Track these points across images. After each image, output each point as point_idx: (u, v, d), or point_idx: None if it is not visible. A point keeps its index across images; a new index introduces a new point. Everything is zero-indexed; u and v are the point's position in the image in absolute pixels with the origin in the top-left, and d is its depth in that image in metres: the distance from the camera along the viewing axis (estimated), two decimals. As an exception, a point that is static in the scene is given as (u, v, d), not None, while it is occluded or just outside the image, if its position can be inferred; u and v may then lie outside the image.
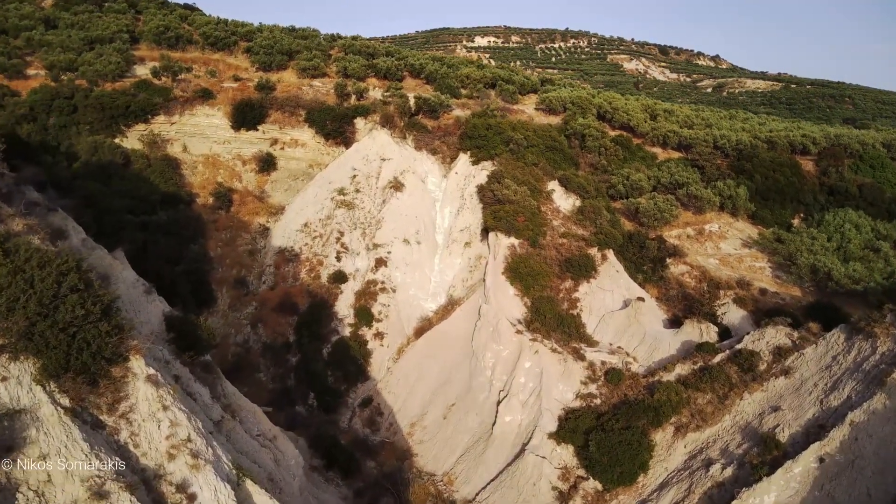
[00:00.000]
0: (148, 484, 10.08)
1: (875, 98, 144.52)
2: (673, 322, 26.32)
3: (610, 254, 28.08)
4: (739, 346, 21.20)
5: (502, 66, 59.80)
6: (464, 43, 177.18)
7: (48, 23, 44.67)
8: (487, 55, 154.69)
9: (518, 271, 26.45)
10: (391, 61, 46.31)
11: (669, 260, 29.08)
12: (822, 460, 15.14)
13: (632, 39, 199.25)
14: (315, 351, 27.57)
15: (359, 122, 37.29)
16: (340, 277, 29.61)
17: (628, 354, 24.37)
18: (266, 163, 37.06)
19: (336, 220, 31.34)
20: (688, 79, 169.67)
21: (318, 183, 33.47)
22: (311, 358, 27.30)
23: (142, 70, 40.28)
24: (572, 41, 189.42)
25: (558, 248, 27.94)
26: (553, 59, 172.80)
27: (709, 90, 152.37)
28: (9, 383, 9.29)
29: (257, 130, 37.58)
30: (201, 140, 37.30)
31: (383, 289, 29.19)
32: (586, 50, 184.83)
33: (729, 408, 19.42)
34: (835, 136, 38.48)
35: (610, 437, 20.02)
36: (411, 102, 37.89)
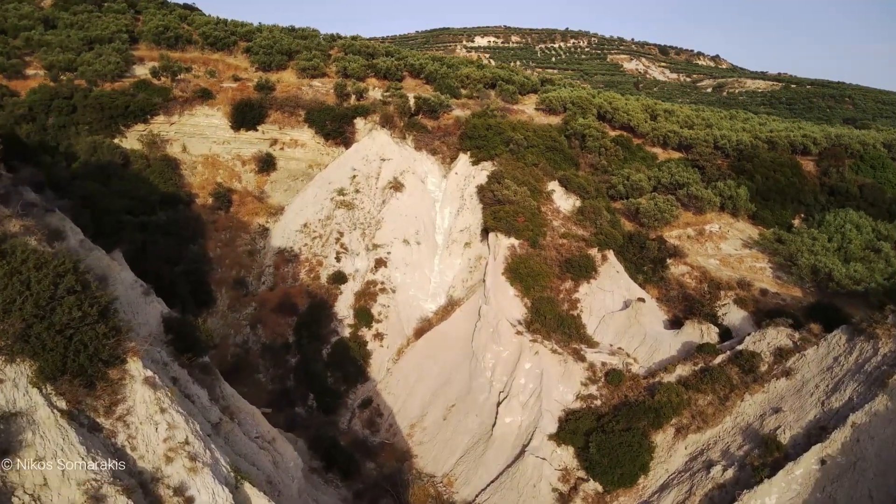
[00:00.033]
0: (145, 487, 10.00)
1: (875, 98, 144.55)
2: (673, 323, 26.25)
3: (610, 254, 28.02)
4: (740, 347, 21.13)
5: (502, 66, 59.72)
6: (464, 43, 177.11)
7: (47, 23, 44.63)
8: (487, 55, 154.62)
9: (518, 272, 26.39)
10: (391, 61, 46.22)
11: (670, 260, 29.02)
12: (824, 462, 15.08)
13: (632, 39, 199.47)
14: (314, 352, 27.51)
15: (358, 123, 37.21)
16: (340, 278, 29.54)
17: (629, 355, 24.30)
18: (265, 163, 37.00)
19: (336, 221, 31.27)
20: (688, 79, 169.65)
21: (318, 183, 33.40)
22: (311, 359, 27.24)
23: (141, 70, 40.23)
24: (572, 41, 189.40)
25: (558, 249, 27.88)
26: (553, 60, 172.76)
27: (709, 90, 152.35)
28: (5, 386, 9.21)
29: (257, 131, 37.52)
30: (201, 140, 37.25)
31: (383, 289, 29.12)
32: (586, 50, 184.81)
33: (730, 409, 19.35)
34: (835, 137, 38.41)
35: (610, 439, 19.98)
36: (411, 102, 37.80)
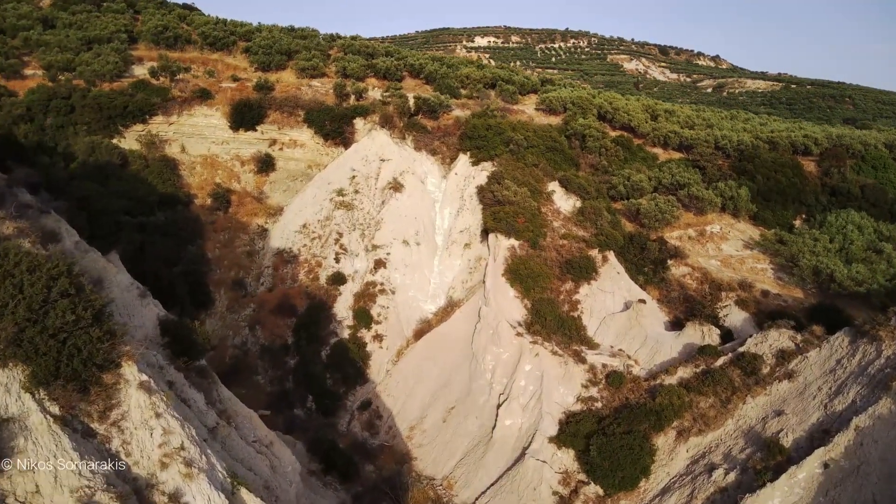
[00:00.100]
0: (140, 493, 9.85)
1: (875, 98, 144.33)
2: (674, 324, 26.11)
3: (611, 255, 27.87)
4: (742, 349, 20.98)
5: (502, 66, 59.55)
6: (464, 43, 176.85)
7: (46, 22, 44.47)
8: (487, 55, 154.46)
9: (518, 273, 26.24)
10: (390, 61, 46.06)
11: (671, 261, 28.88)
12: (827, 466, 14.94)
13: (632, 39, 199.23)
14: (313, 353, 27.36)
15: (358, 123, 37.05)
16: (339, 279, 29.39)
17: (629, 357, 24.16)
18: (264, 163, 36.85)
19: (335, 221, 31.12)
20: (688, 79, 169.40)
21: (317, 184, 33.25)
22: (310, 360, 27.09)
23: (140, 70, 40.08)
24: (572, 41, 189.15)
25: (559, 250, 27.73)
26: (553, 60, 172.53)
27: (709, 90, 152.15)
28: (-3, 391, 9.07)
29: (256, 131, 37.36)
30: (199, 140, 37.10)
31: (382, 290, 28.98)
32: (586, 50, 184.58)
33: (732, 412, 19.21)
34: (837, 137, 38.25)
35: (611, 442, 19.84)
36: (411, 103, 37.64)
